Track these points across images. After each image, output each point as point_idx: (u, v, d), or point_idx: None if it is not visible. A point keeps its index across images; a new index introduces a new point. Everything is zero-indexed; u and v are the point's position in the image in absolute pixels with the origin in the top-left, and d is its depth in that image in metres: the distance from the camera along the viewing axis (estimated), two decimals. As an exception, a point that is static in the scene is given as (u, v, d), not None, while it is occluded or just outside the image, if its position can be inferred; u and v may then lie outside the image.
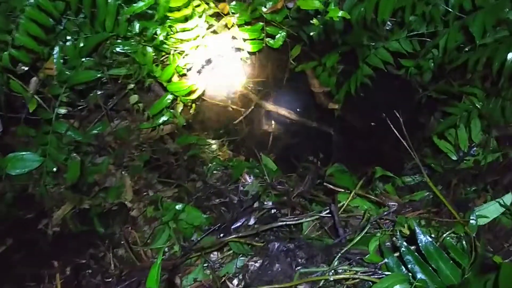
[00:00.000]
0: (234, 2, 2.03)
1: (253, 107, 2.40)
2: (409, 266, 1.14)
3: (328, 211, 1.50)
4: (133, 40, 1.92)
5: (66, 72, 1.89)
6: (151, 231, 1.85)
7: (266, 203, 1.75)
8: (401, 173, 1.89)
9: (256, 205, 1.77)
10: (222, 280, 1.49)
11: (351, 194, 1.50)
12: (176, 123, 2.16)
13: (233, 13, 2.04)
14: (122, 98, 2.16)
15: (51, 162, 1.91)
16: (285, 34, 2.15)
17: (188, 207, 1.80)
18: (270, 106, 2.43)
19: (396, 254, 1.20)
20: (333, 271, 1.28)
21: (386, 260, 1.19)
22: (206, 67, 2.21)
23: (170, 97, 2.04)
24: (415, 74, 2.18)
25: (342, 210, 1.49)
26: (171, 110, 2.11)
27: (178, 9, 1.81)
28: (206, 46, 2.06)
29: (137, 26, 1.85)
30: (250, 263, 1.48)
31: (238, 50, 2.18)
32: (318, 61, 2.38)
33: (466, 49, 1.84)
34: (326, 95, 2.43)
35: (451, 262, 1.10)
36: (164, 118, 2.09)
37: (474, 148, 1.76)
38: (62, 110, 1.94)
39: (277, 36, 2.15)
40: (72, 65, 1.90)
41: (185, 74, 2.09)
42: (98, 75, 1.91)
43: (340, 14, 1.55)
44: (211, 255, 1.62)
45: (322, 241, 1.46)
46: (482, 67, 1.69)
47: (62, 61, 1.89)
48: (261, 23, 2.10)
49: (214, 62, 2.23)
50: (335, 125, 2.39)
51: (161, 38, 1.90)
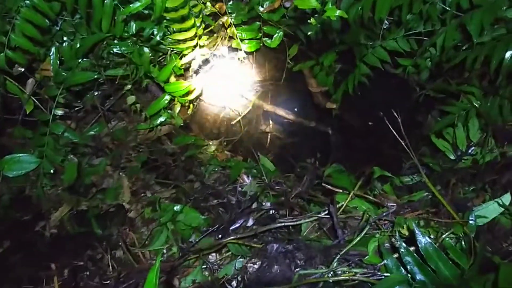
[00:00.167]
0: (231, 2, 2.03)
1: (250, 107, 2.39)
2: (408, 267, 1.13)
3: (326, 212, 1.49)
4: (129, 40, 1.91)
5: (63, 73, 1.89)
6: (149, 233, 1.84)
7: (264, 204, 1.74)
8: (399, 172, 1.88)
9: (254, 206, 1.76)
10: (221, 281, 1.49)
11: (350, 195, 1.49)
12: (173, 124, 2.16)
13: (230, 12, 2.04)
14: (119, 99, 2.15)
15: (48, 163, 1.90)
16: (282, 33, 2.15)
17: (186, 208, 1.80)
18: (267, 106, 2.42)
19: (395, 255, 1.19)
20: (332, 273, 1.27)
21: (385, 261, 1.19)
22: (204, 67, 2.21)
23: (167, 97, 2.04)
24: (413, 73, 2.17)
25: (341, 211, 1.49)
26: (169, 111, 2.10)
27: (175, 9, 1.80)
28: (203, 46, 2.05)
29: (133, 27, 1.84)
30: (249, 265, 1.47)
31: (235, 50, 2.18)
32: (316, 60, 2.37)
33: (464, 47, 1.84)
34: (323, 95, 2.43)
35: (451, 263, 1.10)
36: (161, 119, 2.09)
37: (472, 147, 1.76)
38: (59, 112, 1.94)
39: (274, 35, 2.15)
40: (68, 66, 1.89)
41: (182, 75, 2.09)
42: (95, 76, 1.91)
43: (337, 13, 1.54)
44: (210, 257, 1.61)
45: (321, 242, 1.45)
46: (479, 66, 1.69)
47: (58, 62, 1.88)
48: (258, 23, 2.11)
49: (211, 62, 2.23)
50: (333, 124, 2.39)
51: (158, 38, 1.90)
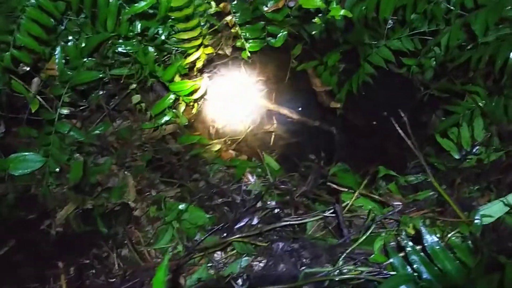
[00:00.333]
0: (235, 2, 2.03)
1: (254, 107, 2.40)
2: (414, 266, 1.14)
3: (332, 211, 1.50)
4: (134, 40, 1.91)
5: (68, 72, 1.89)
6: (154, 231, 1.85)
7: (269, 203, 1.74)
8: (403, 172, 1.88)
9: (259, 204, 1.76)
10: (227, 280, 1.49)
11: (355, 194, 1.49)
12: (178, 123, 2.16)
13: (234, 12, 2.04)
14: (124, 98, 2.16)
15: (54, 162, 1.91)
16: (286, 33, 2.15)
17: (191, 207, 1.80)
18: (271, 105, 2.42)
19: (401, 254, 1.20)
20: (338, 271, 1.28)
21: (391, 260, 1.19)
22: (208, 67, 2.21)
23: (172, 96, 2.04)
24: (417, 73, 2.17)
25: (346, 209, 1.49)
26: (173, 110, 2.11)
27: (180, 8, 1.80)
28: (207, 46, 2.06)
29: (138, 26, 1.85)
30: (255, 263, 1.48)
31: (240, 49, 2.18)
32: (320, 60, 2.37)
33: (468, 47, 1.84)
34: (327, 94, 2.43)
35: (457, 262, 1.10)
36: (166, 118, 2.09)
37: (477, 146, 1.76)
38: (65, 111, 1.94)
39: (278, 35, 2.15)
40: (73, 65, 1.90)
41: (187, 74, 2.09)
42: (100, 75, 1.91)
43: (342, 12, 1.54)
44: (215, 255, 1.62)
45: (326, 241, 1.45)
46: (484, 65, 1.69)
47: (63, 61, 1.88)
48: (262, 22, 2.11)
49: (215, 62, 2.23)
50: (337, 124, 2.39)
51: (162, 37, 1.90)
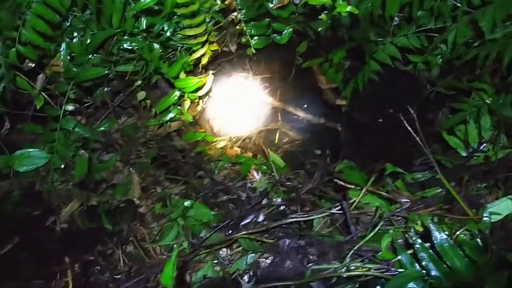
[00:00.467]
0: (240, -2, 2.02)
1: (259, 104, 2.39)
2: (423, 263, 1.13)
3: (339, 208, 1.49)
4: (140, 36, 1.90)
5: (73, 68, 1.89)
6: (160, 228, 1.85)
7: (275, 200, 1.74)
8: (409, 169, 1.87)
9: (264, 201, 1.76)
10: (233, 276, 1.49)
11: (363, 191, 1.49)
12: (183, 120, 2.15)
13: (239, 9, 2.03)
14: (129, 94, 2.15)
15: (59, 159, 1.91)
16: (291, 30, 2.14)
17: (196, 204, 1.80)
18: (276, 103, 2.42)
19: (409, 251, 1.19)
20: (345, 268, 1.27)
21: (399, 257, 1.18)
22: (213, 64, 2.20)
23: (177, 93, 2.03)
24: (423, 70, 2.16)
25: (353, 206, 1.48)
26: (178, 107, 2.10)
27: (185, 4, 1.80)
28: (213, 42, 2.05)
29: (144, 22, 1.84)
30: (261, 260, 1.47)
31: (245, 46, 2.17)
32: (325, 57, 2.36)
33: (475, 44, 1.83)
34: (333, 91, 2.42)
35: (466, 259, 1.10)
36: (171, 115, 2.09)
37: (484, 144, 1.75)
38: (70, 107, 1.94)
39: (283, 32, 2.14)
40: (79, 61, 1.89)
41: (191, 71, 2.09)
42: (105, 72, 1.91)
43: (348, 9, 1.54)
44: (221, 252, 1.61)
45: (333, 238, 1.45)
46: (491, 62, 1.68)
47: (69, 57, 1.87)
48: (267, 19, 2.09)
49: (220, 59, 2.23)
50: (343, 121, 2.38)
51: (168, 34, 1.90)
